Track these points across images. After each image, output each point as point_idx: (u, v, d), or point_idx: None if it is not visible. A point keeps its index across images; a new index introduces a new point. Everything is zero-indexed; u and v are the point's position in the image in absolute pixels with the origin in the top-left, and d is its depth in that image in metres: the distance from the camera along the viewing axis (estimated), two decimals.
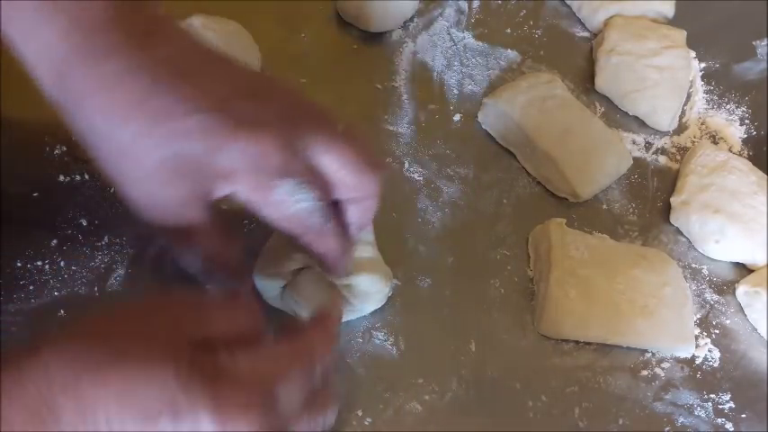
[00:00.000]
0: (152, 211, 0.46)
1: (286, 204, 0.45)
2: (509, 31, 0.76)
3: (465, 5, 0.77)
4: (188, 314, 0.41)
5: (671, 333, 0.58)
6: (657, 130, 0.71)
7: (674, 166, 0.70)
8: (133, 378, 0.36)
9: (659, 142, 0.71)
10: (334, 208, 0.48)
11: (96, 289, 0.55)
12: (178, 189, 0.44)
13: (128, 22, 0.43)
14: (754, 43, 0.79)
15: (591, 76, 0.73)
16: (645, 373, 0.58)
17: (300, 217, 0.46)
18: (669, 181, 0.68)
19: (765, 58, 0.78)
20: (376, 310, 0.57)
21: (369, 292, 0.55)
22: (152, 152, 0.42)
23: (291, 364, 0.41)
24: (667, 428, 0.56)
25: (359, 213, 0.49)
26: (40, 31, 0.42)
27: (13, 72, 0.64)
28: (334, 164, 0.46)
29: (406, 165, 0.65)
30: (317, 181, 0.46)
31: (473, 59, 0.73)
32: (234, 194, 0.45)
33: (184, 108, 0.42)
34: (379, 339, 0.56)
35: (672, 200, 0.66)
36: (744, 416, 0.57)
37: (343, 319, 0.54)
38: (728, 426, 0.56)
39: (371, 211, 0.50)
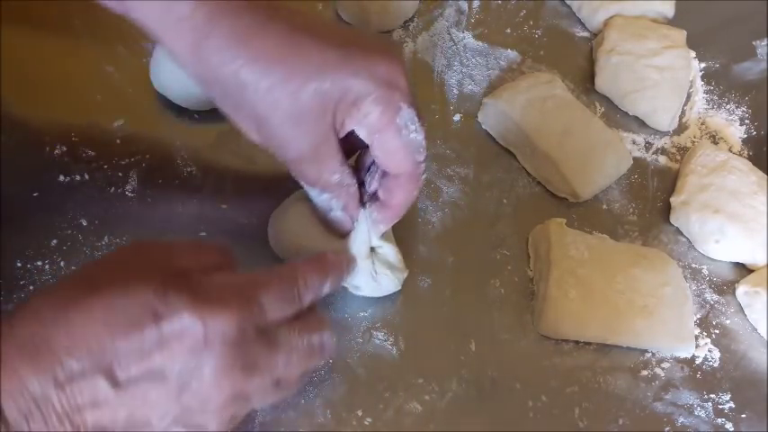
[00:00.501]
0: (294, 147, 0.49)
1: (405, 132, 0.48)
2: (509, 31, 0.76)
3: (465, 5, 0.77)
4: (160, 251, 0.45)
5: (671, 333, 0.58)
6: (657, 130, 0.71)
7: (674, 166, 0.70)
8: (114, 301, 0.40)
9: (659, 142, 0.71)
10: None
11: None
12: (320, 123, 0.47)
13: None
14: (754, 43, 0.79)
15: (591, 76, 0.73)
16: (645, 373, 0.58)
17: (412, 149, 0.49)
18: (669, 181, 0.68)
19: (765, 58, 0.78)
20: (376, 309, 0.57)
21: (391, 264, 0.56)
22: (292, 94, 0.46)
23: (271, 279, 0.44)
24: (667, 428, 0.56)
25: (404, 191, 0.53)
26: (171, 9, 0.46)
27: (13, 72, 0.64)
28: (414, 125, 0.49)
29: None
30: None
31: (473, 59, 0.73)
32: (362, 126, 0.48)
33: (319, 48, 0.46)
34: (379, 339, 0.56)
35: (672, 200, 0.66)
36: (744, 416, 0.57)
37: (365, 293, 0.56)
38: (728, 426, 0.56)
39: (413, 193, 0.53)
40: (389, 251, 0.56)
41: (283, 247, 0.57)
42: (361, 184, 0.54)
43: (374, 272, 0.55)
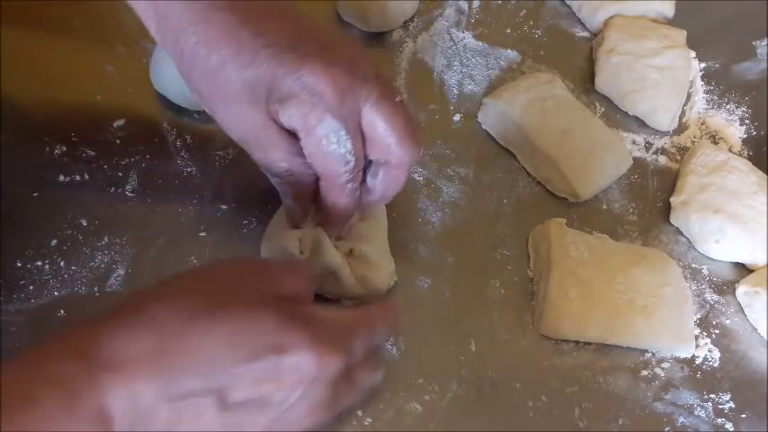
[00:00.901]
0: (235, 128, 0.51)
1: (325, 142, 0.48)
2: (509, 31, 0.76)
3: (465, 5, 0.76)
4: (266, 273, 0.47)
5: (671, 333, 0.58)
6: (657, 130, 0.71)
7: (674, 166, 0.70)
8: (239, 326, 0.42)
9: (659, 142, 0.71)
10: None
11: (96, 289, 0.55)
12: (255, 109, 0.48)
13: None
14: (754, 43, 0.79)
15: (591, 76, 0.73)
16: (645, 373, 0.58)
17: (332, 160, 0.49)
18: (669, 181, 0.68)
19: (765, 58, 0.78)
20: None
21: (376, 264, 0.56)
22: (235, 75, 0.47)
23: (361, 324, 0.48)
24: (667, 428, 0.56)
25: (387, 180, 0.53)
26: None
27: (13, 72, 0.64)
28: (382, 123, 0.49)
29: None
30: (358, 135, 0.49)
31: (473, 59, 0.73)
32: (289, 120, 0.48)
33: (263, 41, 0.47)
34: None
35: (672, 200, 0.66)
36: (744, 416, 0.57)
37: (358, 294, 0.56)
38: (728, 426, 0.56)
39: (400, 182, 0.53)
40: (372, 251, 0.56)
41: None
42: None
43: (353, 276, 0.55)
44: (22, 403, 0.37)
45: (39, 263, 0.56)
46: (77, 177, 0.60)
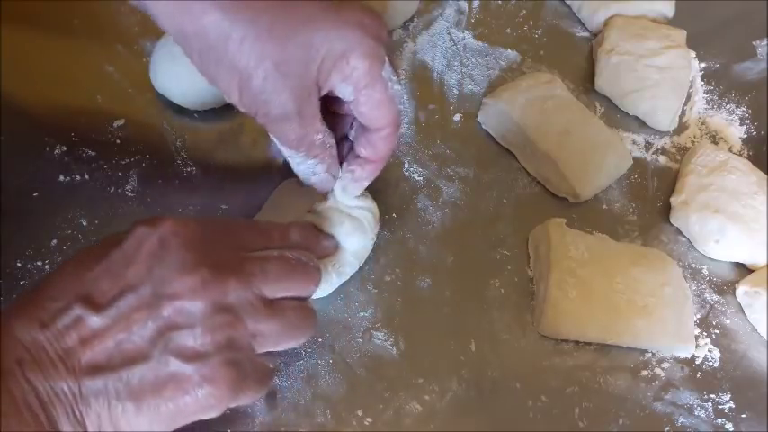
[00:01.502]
0: (274, 108, 0.48)
1: (390, 84, 0.49)
2: (509, 31, 0.76)
3: (465, 5, 0.77)
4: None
5: (671, 333, 0.58)
6: (657, 130, 0.71)
7: (674, 166, 0.70)
8: (89, 249, 0.44)
9: (659, 142, 0.71)
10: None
11: None
12: (301, 81, 0.47)
13: None
14: (754, 43, 0.79)
15: (591, 76, 0.73)
16: (645, 373, 0.58)
17: (394, 102, 0.50)
18: (669, 181, 0.68)
19: (765, 58, 0.78)
20: (376, 310, 0.57)
21: (361, 222, 0.56)
22: (279, 45, 0.45)
23: (237, 219, 0.50)
24: (667, 428, 0.56)
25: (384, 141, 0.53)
26: None
27: (13, 72, 0.64)
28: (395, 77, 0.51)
29: (406, 165, 0.65)
30: None
31: (473, 59, 0.73)
32: (348, 81, 0.48)
33: (302, 8, 0.46)
34: (379, 339, 0.56)
35: (672, 200, 0.66)
36: (744, 416, 0.57)
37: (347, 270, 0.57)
38: (728, 426, 0.56)
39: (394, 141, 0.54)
40: (360, 213, 0.56)
41: None
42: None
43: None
44: None
45: (39, 263, 0.56)
46: (77, 177, 0.60)
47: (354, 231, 0.56)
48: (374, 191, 0.58)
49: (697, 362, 0.59)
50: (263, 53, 0.45)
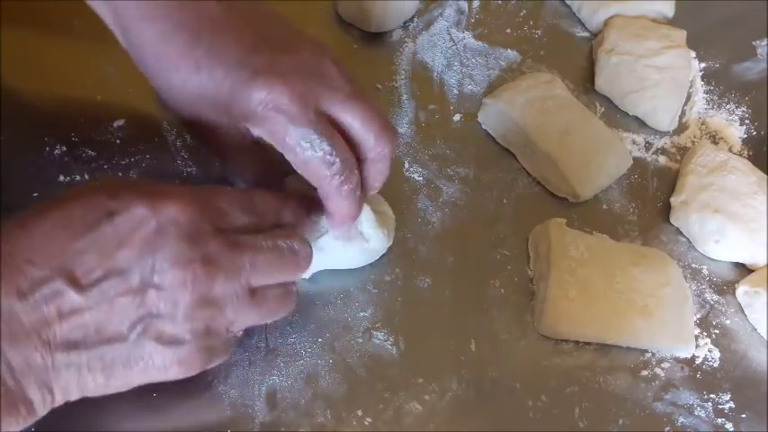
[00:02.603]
0: (197, 128, 0.51)
1: (299, 150, 0.48)
2: (509, 31, 0.76)
3: (465, 5, 0.77)
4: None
5: (671, 333, 0.58)
6: (657, 130, 0.71)
7: (674, 166, 0.70)
8: (70, 207, 0.41)
9: (659, 142, 0.71)
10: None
11: None
12: (221, 120, 0.50)
13: None
14: (754, 43, 0.79)
15: (591, 76, 0.73)
16: (645, 373, 0.58)
17: (314, 166, 0.48)
18: (669, 181, 0.68)
19: (765, 58, 0.78)
20: (376, 310, 0.57)
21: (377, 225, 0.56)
22: (198, 91, 0.49)
23: (229, 190, 0.47)
24: (667, 428, 0.56)
25: (373, 174, 0.52)
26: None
27: (13, 72, 0.64)
28: (356, 123, 0.49)
29: (406, 165, 0.65)
30: (335, 135, 0.49)
31: (473, 59, 0.73)
32: (260, 137, 0.49)
33: (217, 58, 0.48)
34: (379, 339, 0.56)
35: (672, 200, 0.66)
36: (744, 416, 0.57)
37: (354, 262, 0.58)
38: (728, 426, 0.56)
39: (384, 174, 0.53)
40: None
41: None
42: None
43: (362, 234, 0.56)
44: None
45: None
46: (77, 177, 0.60)
47: (379, 227, 0.56)
48: None
49: (697, 362, 0.59)
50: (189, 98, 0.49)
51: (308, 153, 0.48)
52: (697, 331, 0.60)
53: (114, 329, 0.41)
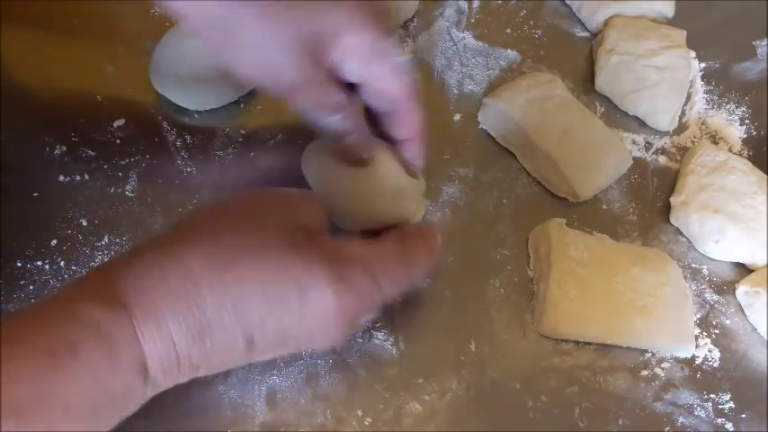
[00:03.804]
0: (285, 77, 0.50)
1: (394, 56, 0.51)
2: (509, 31, 0.76)
3: (465, 5, 0.77)
4: (282, 205, 0.47)
5: (671, 333, 0.58)
6: (657, 130, 0.71)
7: (674, 166, 0.70)
8: (267, 267, 0.43)
9: (659, 142, 0.71)
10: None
11: None
12: (294, 60, 0.49)
13: None
14: (754, 43, 0.79)
15: (591, 76, 0.73)
16: (645, 373, 0.58)
17: (403, 70, 0.52)
18: (669, 181, 0.68)
19: (765, 58, 0.78)
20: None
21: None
22: (278, 19, 0.48)
23: (391, 261, 0.48)
24: (667, 428, 0.56)
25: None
26: None
27: (13, 72, 0.64)
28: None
29: None
30: None
31: (473, 59, 0.73)
32: (347, 59, 0.50)
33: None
34: (379, 339, 0.56)
35: (672, 200, 0.66)
36: (744, 416, 0.57)
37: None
38: (728, 426, 0.56)
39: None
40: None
41: (318, 181, 0.58)
42: None
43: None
44: (64, 350, 0.37)
45: (39, 263, 0.56)
46: (77, 177, 0.60)
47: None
48: None
49: (697, 362, 0.59)
50: (266, 32, 0.48)
51: (401, 59, 0.52)
52: (697, 331, 0.60)
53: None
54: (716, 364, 0.59)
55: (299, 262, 0.43)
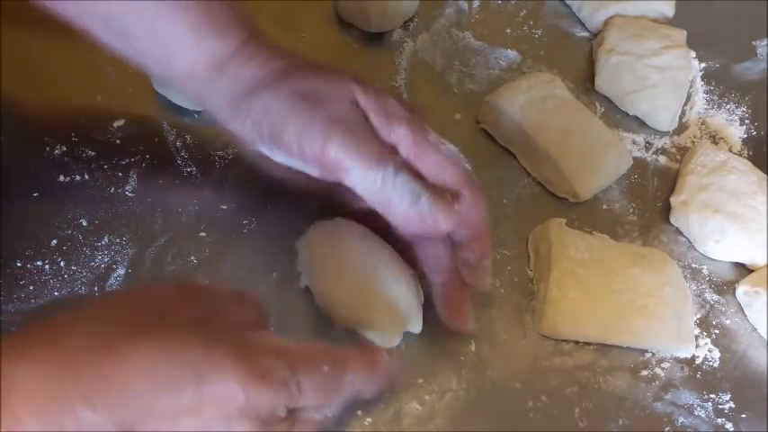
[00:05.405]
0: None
1: (442, 147, 0.51)
2: (509, 31, 0.76)
3: (465, 5, 0.77)
4: (204, 299, 0.42)
5: (671, 333, 0.58)
6: (657, 130, 0.71)
7: (674, 166, 0.70)
8: (157, 350, 0.37)
9: (659, 142, 0.71)
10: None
11: (96, 289, 0.55)
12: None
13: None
14: (754, 43, 0.79)
15: (591, 76, 0.73)
16: (645, 373, 0.58)
17: (456, 160, 0.51)
18: (669, 181, 0.68)
19: (765, 58, 0.78)
20: None
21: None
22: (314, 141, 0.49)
23: (318, 363, 0.42)
24: (667, 428, 0.56)
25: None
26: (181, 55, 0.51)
27: (13, 72, 0.64)
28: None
29: None
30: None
31: (473, 59, 0.73)
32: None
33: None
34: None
35: (672, 200, 0.66)
36: (744, 416, 0.57)
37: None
38: (728, 426, 0.56)
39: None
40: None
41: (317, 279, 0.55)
42: None
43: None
44: None
45: (39, 263, 0.56)
46: (77, 177, 0.60)
47: None
48: None
49: (697, 362, 0.59)
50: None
51: (451, 147, 0.52)
52: (697, 331, 0.60)
53: None
54: (716, 364, 0.59)
55: (199, 344, 0.37)
